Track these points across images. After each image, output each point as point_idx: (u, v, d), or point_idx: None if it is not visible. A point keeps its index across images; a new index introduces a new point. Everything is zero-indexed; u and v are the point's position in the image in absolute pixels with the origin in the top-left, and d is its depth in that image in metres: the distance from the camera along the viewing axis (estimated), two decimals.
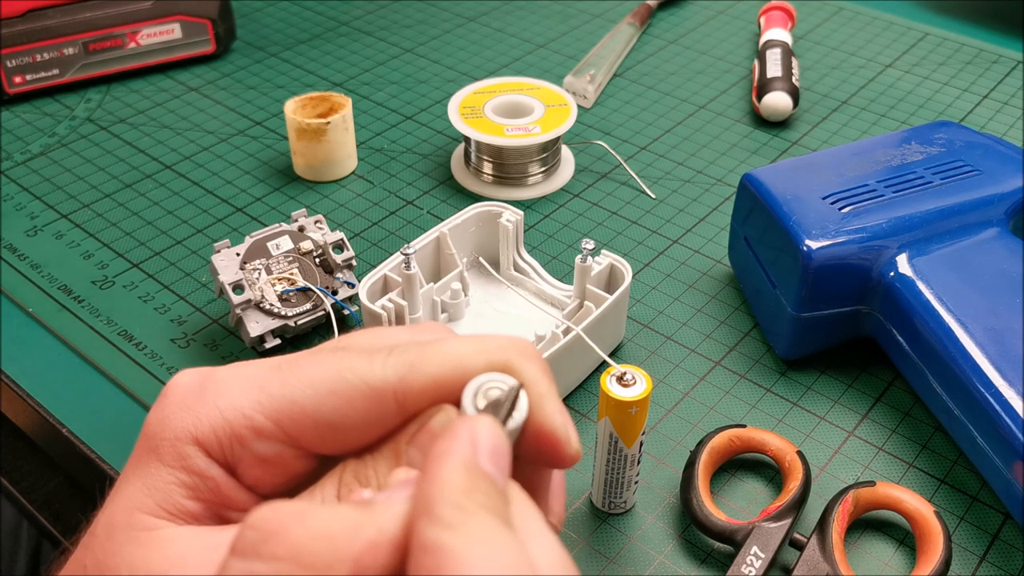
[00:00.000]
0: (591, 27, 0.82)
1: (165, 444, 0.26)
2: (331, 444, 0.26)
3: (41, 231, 0.60)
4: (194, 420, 0.26)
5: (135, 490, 0.26)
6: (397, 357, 0.26)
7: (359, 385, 0.26)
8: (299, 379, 0.26)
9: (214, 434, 0.26)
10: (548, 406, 0.26)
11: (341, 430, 0.26)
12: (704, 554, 0.42)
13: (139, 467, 0.27)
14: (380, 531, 0.22)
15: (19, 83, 0.71)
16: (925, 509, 0.41)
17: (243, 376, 0.27)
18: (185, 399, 0.27)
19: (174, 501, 0.26)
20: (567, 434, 0.26)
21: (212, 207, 0.62)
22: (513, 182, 0.63)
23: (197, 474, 0.26)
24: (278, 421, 0.26)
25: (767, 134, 0.69)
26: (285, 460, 0.27)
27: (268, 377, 0.27)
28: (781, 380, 0.50)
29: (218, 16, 0.75)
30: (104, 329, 0.53)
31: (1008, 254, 0.47)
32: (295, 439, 0.26)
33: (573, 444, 0.26)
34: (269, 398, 0.26)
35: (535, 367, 0.26)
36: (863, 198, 0.48)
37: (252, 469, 0.27)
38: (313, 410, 0.26)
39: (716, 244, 0.59)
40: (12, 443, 0.65)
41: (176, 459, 0.26)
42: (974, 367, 0.43)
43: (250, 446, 0.26)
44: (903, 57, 0.78)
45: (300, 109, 0.62)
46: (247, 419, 0.26)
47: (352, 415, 0.26)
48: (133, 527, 0.26)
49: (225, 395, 0.26)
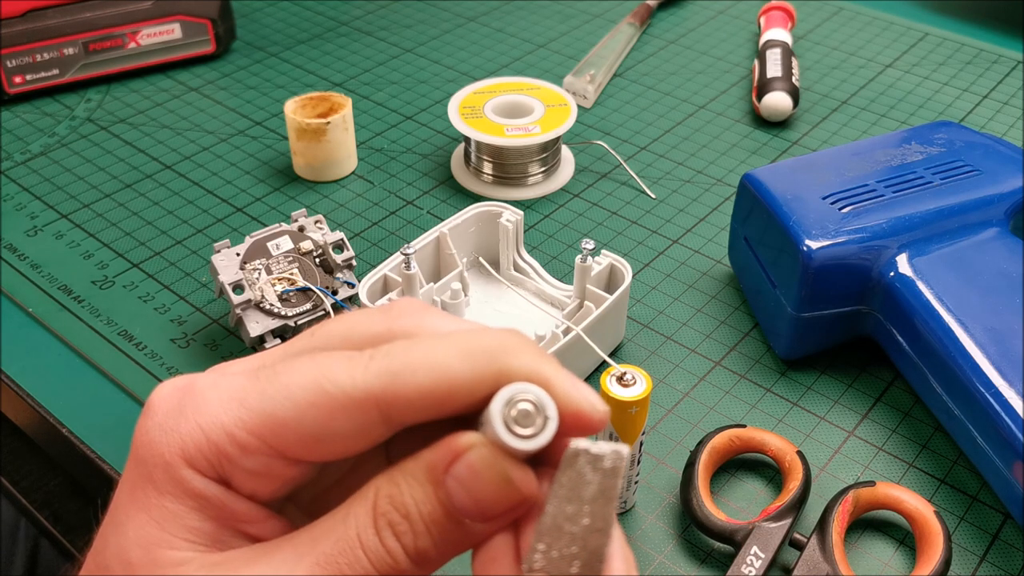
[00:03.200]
0: (591, 27, 0.82)
1: (158, 472, 0.26)
2: (317, 453, 0.26)
3: (41, 231, 0.60)
4: (179, 442, 0.26)
5: (143, 524, 0.26)
6: (378, 363, 0.25)
7: (339, 397, 0.25)
8: (277, 390, 0.25)
9: (200, 454, 0.25)
10: (560, 387, 0.25)
11: (325, 441, 0.25)
12: (704, 554, 0.42)
13: (137, 497, 0.26)
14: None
15: (19, 83, 0.71)
16: (925, 509, 0.41)
17: (222, 388, 0.26)
18: (167, 419, 0.26)
19: (188, 527, 0.26)
20: (591, 404, 0.26)
21: (212, 207, 0.62)
22: (513, 182, 0.63)
23: (198, 496, 0.26)
24: (261, 436, 0.25)
25: (767, 134, 0.69)
26: (276, 470, 0.26)
27: (247, 388, 0.26)
28: (781, 380, 0.50)
29: (218, 16, 0.75)
30: (104, 329, 0.53)
31: (1008, 254, 0.47)
32: (281, 451, 0.26)
33: (599, 408, 0.26)
34: (249, 413, 0.25)
35: (529, 357, 0.26)
36: (863, 198, 0.48)
37: (246, 481, 0.26)
38: (295, 423, 0.25)
39: (716, 244, 0.59)
40: (12, 443, 0.65)
41: (174, 486, 0.26)
42: (974, 367, 0.43)
43: (238, 462, 0.26)
44: (903, 57, 0.78)
45: (300, 109, 0.62)
46: (230, 436, 0.25)
47: (335, 427, 0.25)
48: (158, 565, 0.25)
49: (205, 412, 0.26)
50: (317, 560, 0.25)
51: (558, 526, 0.23)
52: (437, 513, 0.25)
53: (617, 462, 0.24)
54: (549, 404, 0.25)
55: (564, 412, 0.25)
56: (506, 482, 0.25)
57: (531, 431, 0.24)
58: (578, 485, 0.24)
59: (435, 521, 0.25)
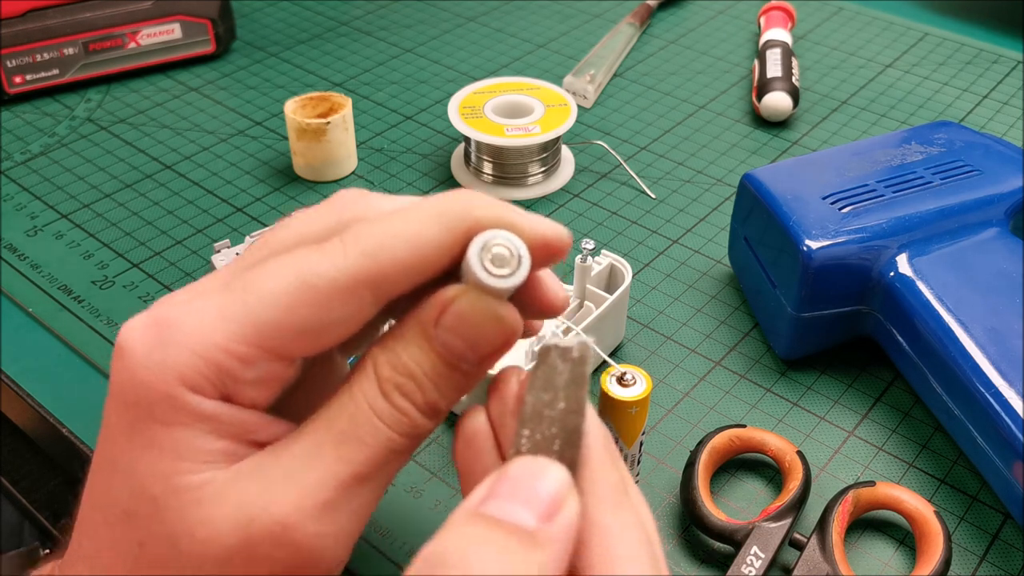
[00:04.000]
0: (591, 27, 0.82)
1: (160, 406, 0.26)
2: (316, 345, 0.26)
3: (41, 231, 0.60)
4: (175, 372, 0.26)
5: (156, 460, 0.26)
6: (354, 247, 0.26)
7: (328, 288, 0.26)
8: (260, 297, 0.26)
9: (201, 376, 0.26)
10: (526, 225, 0.28)
11: (322, 331, 0.26)
12: (704, 554, 0.42)
13: (141, 438, 0.26)
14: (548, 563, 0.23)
15: (19, 83, 0.71)
16: (925, 509, 0.41)
17: (201, 311, 0.26)
18: (150, 354, 0.26)
19: (206, 450, 0.26)
20: (555, 232, 0.29)
21: (212, 207, 0.62)
22: (513, 182, 0.63)
23: (210, 418, 0.26)
24: (257, 343, 0.26)
25: (767, 134, 0.69)
26: (276, 373, 0.27)
27: (226, 305, 0.26)
28: (781, 380, 0.50)
29: (218, 16, 0.75)
30: (104, 329, 0.53)
31: (1008, 254, 0.47)
32: (279, 353, 0.26)
33: (562, 234, 0.29)
34: (239, 325, 0.26)
35: (492, 207, 0.28)
36: (863, 198, 0.48)
37: (247, 392, 0.27)
38: (288, 323, 0.26)
39: (716, 244, 0.59)
40: (12, 443, 0.65)
41: (183, 414, 0.26)
42: (974, 367, 0.43)
43: (240, 375, 0.26)
44: (903, 57, 0.78)
45: (300, 109, 0.62)
46: (228, 352, 0.26)
47: (329, 316, 0.26)
48: (183, 490, 0.26)
49: (194, 336, 0.26)
50: (336, 439, 0.26)
51: (538, 412, 0.26)
52: (437, 365, 0.27)
53: (584, 351, 0.27)
54: (520, 244, 0.27)
55: (533, 245, 0.28)
56: (495, 319, 0.27)
57: (508, 271, 0.27)
58: (551, 375, 0.26)
59: (437, 372, 0.27)
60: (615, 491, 0.25)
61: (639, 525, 0.25)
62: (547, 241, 0.28)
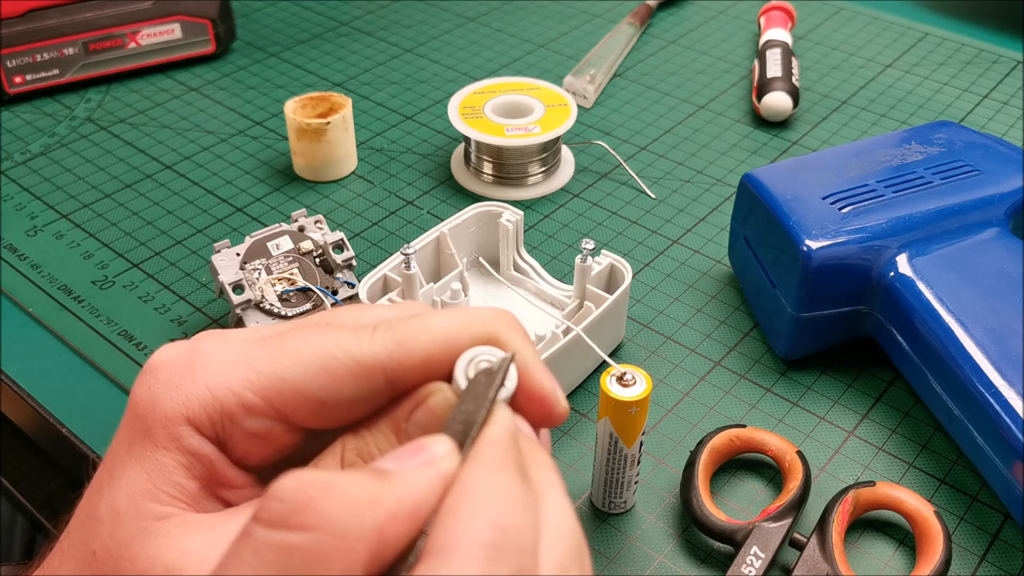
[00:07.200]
0: (591, 27, 0.82)
1: (157, 426, 0.26)
2: (321, 419, 0.27)
3: (41, 231, 0.60)
4: (184, 400, 0.26)
5: (135, 476, 0.26)
6: (383, 334, 0.26)
7: (348, 362, 0.26)
8: (287, 356, 0.26)
9: (204, 412, 0.26)
10: (536, 371, 0.27)
11: (331, 406, 0.26)
12: (704, 554, 0.42)
13: (134, 450, 0.27)
14: (399, 501, 0.23)
15: (19, 83, 0.71)
16: (925, 509, 0.41)
17: (229, 351, 0.27)
18: (172, 378, 0.27)
19: (175, 483, 0.26)
20: (555, 394, 0.28)
21: (212, 207, 0.62)
22: (513, 182, 0.63)
23: (192, 454, 0.26)
24: (268, 398, 0.26)
25: (767, 134, 0.69)
26: (274, 435, 0.27)
27: (255, 353, 0.27)
28: (781, 380, 0.50)
29: (218, 16, 0.75)
30: (104, 329, 0.53)
31: (1008, 254, 0.47)
32: (285, 415, 0.27)
33: (562, 403, 0.28)
34: (258, 375, 0.26)
35: (519, 336, 0.28)
36: (863, 198, 0.48)
37: (241, 444, 0.27)
38: (303, 387, 0.26)
39: (716, 244, 0.59)
40: (12, 443, 0.65)
41: (170, 440, 0.26)
42: (974, 367, 0.43)
43: (240, 423, 0.26)
44: (903, 57, 0.78)
45: (300, 109, 0.62)
46: (237, 397, 0.26)
47: (342, 391, 0.26)
48: (142, 516, 0.26)
49: (213, 372, 0.27)
50: None
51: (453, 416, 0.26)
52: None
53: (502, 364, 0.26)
54: (512, 369, 0.27)
55: (530, 394, 0.27)
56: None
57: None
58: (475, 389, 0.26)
59: None
60: (494, 459, 0.24)
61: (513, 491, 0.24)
62: (543, 395, 0.27)
